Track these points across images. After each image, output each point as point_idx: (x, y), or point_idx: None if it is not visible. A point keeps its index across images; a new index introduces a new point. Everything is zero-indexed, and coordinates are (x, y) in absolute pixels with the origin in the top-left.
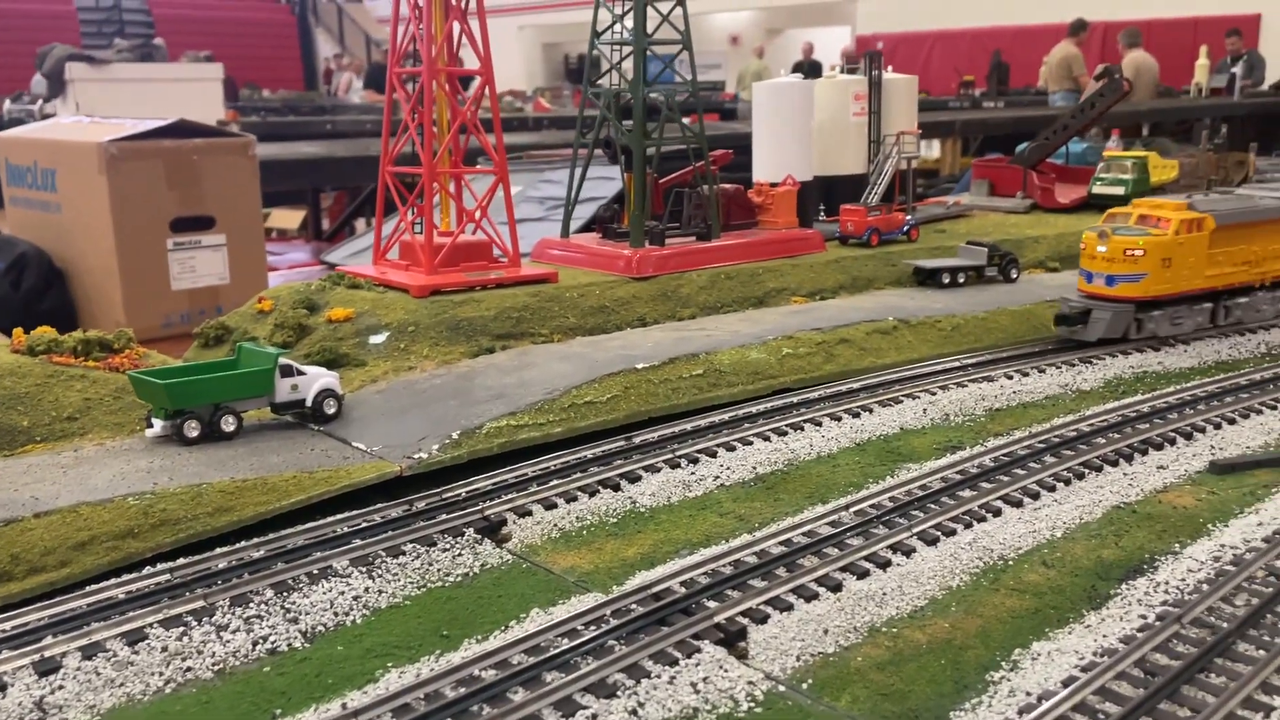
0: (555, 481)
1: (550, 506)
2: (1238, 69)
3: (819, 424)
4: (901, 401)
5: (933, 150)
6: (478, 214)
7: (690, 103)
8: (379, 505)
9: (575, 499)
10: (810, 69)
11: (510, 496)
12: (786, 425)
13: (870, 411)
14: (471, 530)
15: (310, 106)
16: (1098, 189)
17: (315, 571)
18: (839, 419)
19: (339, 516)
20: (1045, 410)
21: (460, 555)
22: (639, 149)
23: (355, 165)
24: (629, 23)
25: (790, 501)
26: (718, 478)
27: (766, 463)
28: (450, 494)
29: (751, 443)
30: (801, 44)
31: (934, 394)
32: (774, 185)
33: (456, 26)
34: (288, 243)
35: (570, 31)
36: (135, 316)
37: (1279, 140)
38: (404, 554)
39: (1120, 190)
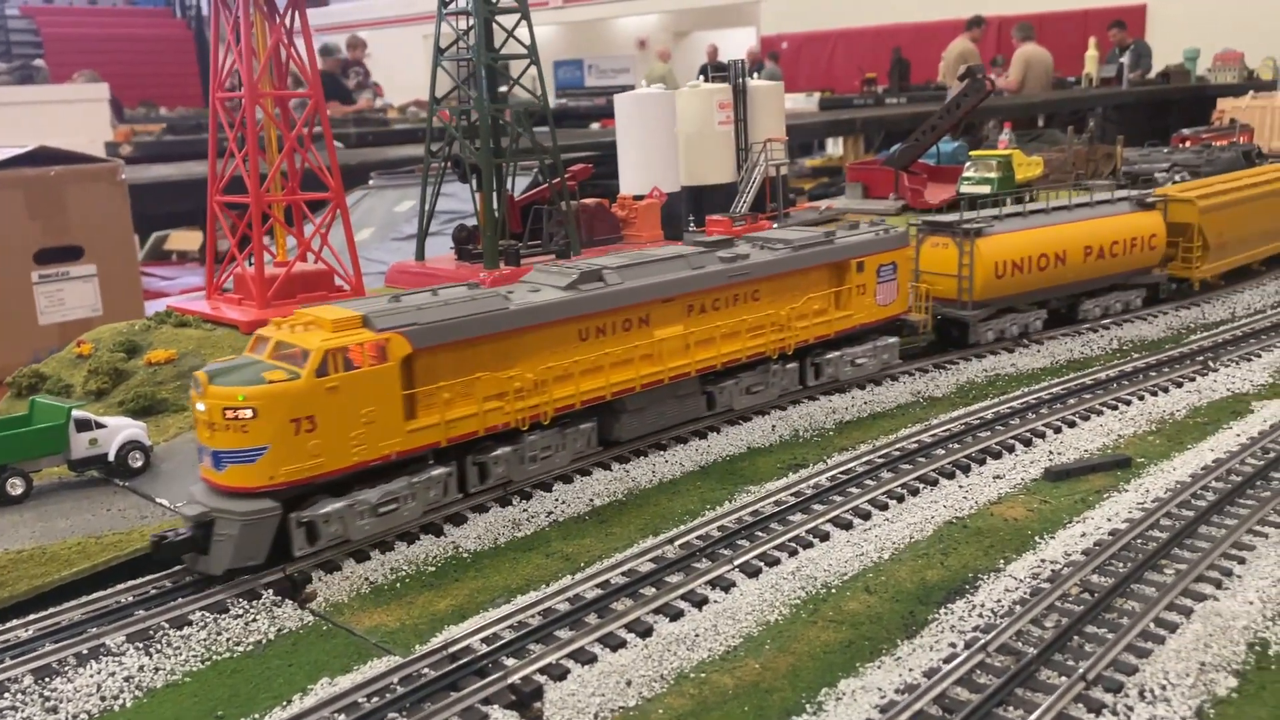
0: None
1: (362, 559)
2: (1125, 59)
3: (663, 448)
4: (750, 419)
5: (837, 148)
6: (315, 242)
7: (543, 114)
8: (179, 568)
9: (391, 548)
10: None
11: (319, 548)
12: (629, 451)
13: (718, 431)
14: (270, 591)
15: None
16: (965, 188)
17: (85, 651)
18: (685, 441)
19: (134, 583)
20: (895, 420)
21: (255, 621)
22: (487, 167)
23: None
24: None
25: (623, 535)
26: (550, 513)
27: (604, 494)
28: None
29: (590, 473)
30: (706, 46)
31: (784, 409)
32: (639, 198)
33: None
34: (184, 266)
35: None
36: None
37: (1165, 127)
38: (190, 624)
39: (986, 189)
